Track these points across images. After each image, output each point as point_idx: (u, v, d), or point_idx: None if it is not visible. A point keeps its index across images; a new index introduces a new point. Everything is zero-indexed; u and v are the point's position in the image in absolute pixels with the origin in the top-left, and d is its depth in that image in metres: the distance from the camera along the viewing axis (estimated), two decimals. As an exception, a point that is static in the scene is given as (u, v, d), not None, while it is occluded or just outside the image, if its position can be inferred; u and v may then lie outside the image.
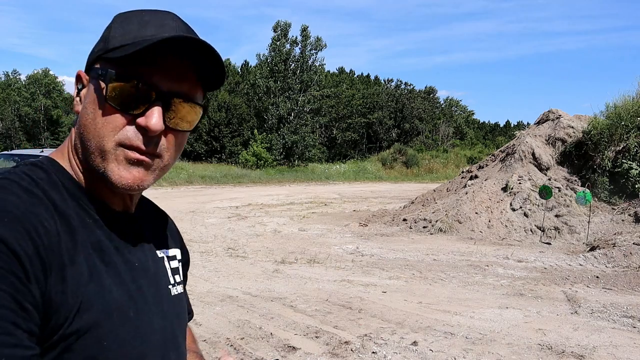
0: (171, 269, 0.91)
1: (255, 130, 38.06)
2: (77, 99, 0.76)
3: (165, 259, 0.91)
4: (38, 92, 52.88)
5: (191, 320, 1.02)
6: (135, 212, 0.84)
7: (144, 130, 0.70)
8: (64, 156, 0.78)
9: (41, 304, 0.61)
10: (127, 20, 0.74)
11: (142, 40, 0.70)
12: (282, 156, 37.92)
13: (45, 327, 0.62)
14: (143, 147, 0.71)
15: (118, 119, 0.70)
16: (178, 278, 0.92)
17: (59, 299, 0.63)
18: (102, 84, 0.71)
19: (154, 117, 0.70)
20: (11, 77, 54.64)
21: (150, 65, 0.70)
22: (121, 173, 0.71)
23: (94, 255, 0.70)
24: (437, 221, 11.50)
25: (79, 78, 0.77)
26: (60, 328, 0.63)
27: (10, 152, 11.34)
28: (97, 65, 0.73)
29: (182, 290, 0.94)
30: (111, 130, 0.70)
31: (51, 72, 56.07)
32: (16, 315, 0.57)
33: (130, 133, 0.70)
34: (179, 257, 0.97)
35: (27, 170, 0.72)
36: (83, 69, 0.79)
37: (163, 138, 0.73)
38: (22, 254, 0.59)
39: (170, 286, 0.88)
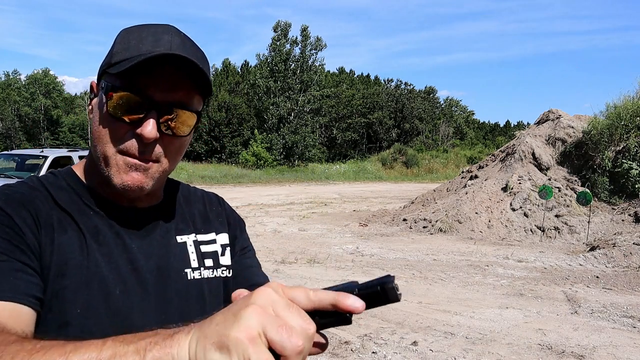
0: (201, 253, 0.92)
1: (256, 130, 38.08)
2: (90, 107, 0.85)
3: (190, 243, 0.92)
4: (38, 92, 52.90)
5: None
6: (156, 206, 0.91)
7: (140, 138, 0.78)
8: (81, 164, 0.90)
9: (37, 249, 0.74)
10: (128, 35, 0.81)
11: (137, 56, 0.76)
12: (282, 156, 37.93)
13: (40, 273, 0.73)
14: (139, 154, 0.79)
15: (118, 128, 0.78)
16: (210, 262, 0.93)
17: (48, 258, 0.75)
18: (105, 95, 0.79)
19: (149, 126, 0.77)
20: (11, 77, 54.65)
21: (145, 78, 0.77)
22: (122, 176, 0.80)
23: (88, 236, 0.80)
24: (437, 221, 11.50)
25: (91, 88, 0.86)
26: (47, 285, 0.73)
27: (10, 152, 11.34)
28: (103, 78, 0.81)
29: (219, 274, 0.94)
30: (113, 138, 0.79)
31: (51, 72, 56.11)
32: (13, 252, 0.71)
33: (129, 141, 0.78)
34: (223, 241, 0.98)
35: (41, 176, 0.87)
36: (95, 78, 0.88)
37: (159, 144, 0.80)
38: (15, 215, 0.74)
39: (188, 270, 0.89)
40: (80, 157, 10.22)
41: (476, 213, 11.54)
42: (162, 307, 0.83)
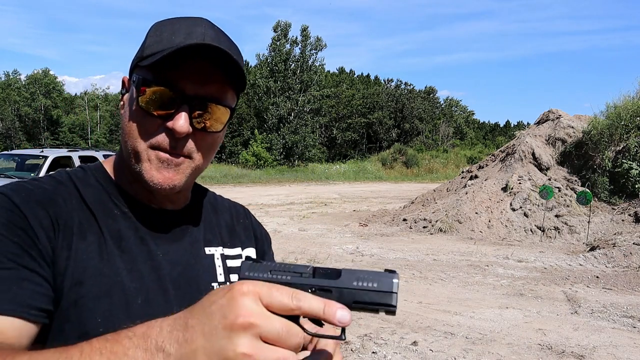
0: (227, 267, 0.89)
1: (256, 130, 38.10)
2: (121, 103, 0.83)
3: (218, 257, 0.89)
4: (38, 92, 52.89)
5: None
6: (184, 210, 0.88)
7: (172, 132, 0.75)
8: (111, 160, 0.87)
9: (50, 254, 0.70)
10: (160, 28, 0.79)
11: (169, 48, 0.74)
12: (282, 156, 37.94)
13: (53, 277, 0.70)
14: (170, 149, 0.76)
15: (149, 122, 0.76)
16: (236, 278, 0.89)
17: (63, 264, 0.70)
18: (136, 89, 0.76)
19: (180, 120, 0.74)
20: (11, 77, 54.66)
21: (177, 71, 0.74)
22: (152, 173, 0.77)
23: (110, 241, 0.76)
24: (437, 221, 11.50)
25: (123, 84, 0.83)
26: (62, 293, 0.70)
27: (10, 152, 11.34)
28: (135, 72, 0.79)
29: None
30: (144, 133, 0.76)
31: (51, 72, 56.11)
32: (21, 257, 0.67)
33: (160, 136, 0.76)
34: (250, 256, 0.94)
35: (70, 170, 0.84)
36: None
37: (192, 140, 0.77)
38: (31, 216, 0.70)
39: (215, 284, 0.86)
40: (80, 157, 10.21)
41: (476, 213, 11.54)
42: None
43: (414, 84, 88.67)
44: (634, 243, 8.42)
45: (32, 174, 9.37)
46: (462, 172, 15.86)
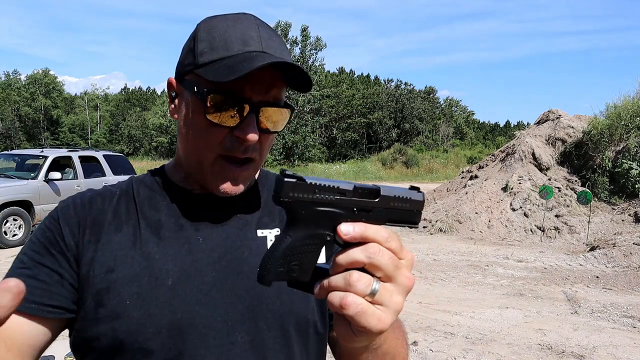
0: None
1: (255, 130, 38.08)
2: (172, 105, 0.85)
3: (272, 238, 0.87)
4: (38, 92, 52.92)
5: None
6: (237, 196, 0.85)
7: (241, 140, 0.77)
8: (170, 162, 0.93)
9: (74, 248, 0.78)
10: (211, 31, 0.79)
11: (229, 57, 0.75)
12: (282, 156, 37.95)
13: (77, 271, 0.78)
14: (241, 155, 0.79)
15: (217, 132, 0.78)
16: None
17: (90, 255, 0.78)
18: (200, 100, 0.77)
19: (250, 129, 0.76)
20: (11, 77, 54.67)
21: (241, 81, 0.74)
22: (218, 183, 0.81)
23: (146, 230, 0.81)
24: (437, 221, 11.50)
25: (170, 85, 0.84)
26: (94, 280, 0.77)
27: (10, 152, 11.33)
28: (189, 78, 0.80)
29: None
30: (211, 143, 0.78)
31: (51, 72, 56.18)
32: (41, 257, 0.77)
33: (228, 144, 0.78)
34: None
35: (136, 176, 0.92)
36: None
37: (257, 142, 0.80)
38: (62, 218, 0.80)
39: None
40: (80, 157, 10.21)
41: (476, 213, 11.54)
42: (230, 302, 0.78)
43: (414, 84, 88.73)
44: (634, 243, 8.41)
45: (32, 174, 9.37)
46: (462, 172, 15.86)
